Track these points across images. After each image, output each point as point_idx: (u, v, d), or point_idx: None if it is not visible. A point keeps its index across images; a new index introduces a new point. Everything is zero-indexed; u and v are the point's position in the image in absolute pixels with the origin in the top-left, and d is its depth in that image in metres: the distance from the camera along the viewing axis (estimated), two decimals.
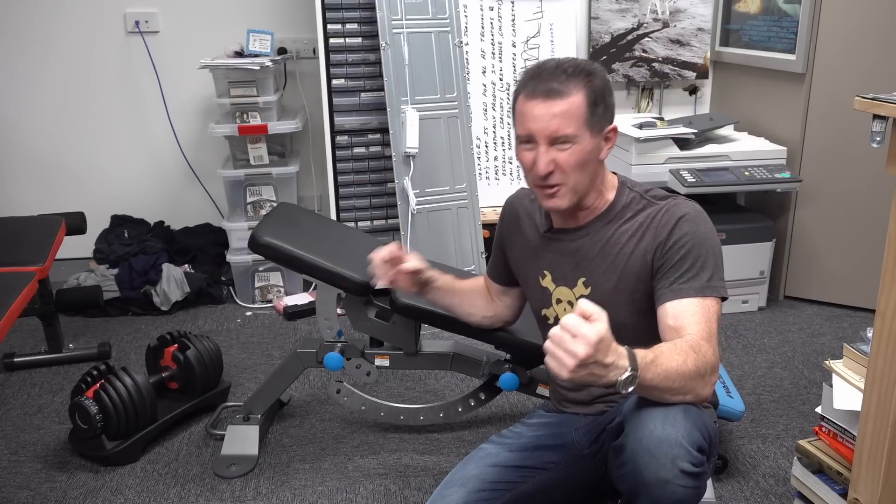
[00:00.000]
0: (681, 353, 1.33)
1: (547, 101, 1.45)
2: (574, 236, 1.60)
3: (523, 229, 1.71)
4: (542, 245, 1.66)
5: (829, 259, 3.14)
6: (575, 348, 1.16)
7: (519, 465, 1.64)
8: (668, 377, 1.30)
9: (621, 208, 1.57)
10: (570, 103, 1.46)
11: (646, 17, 3.47)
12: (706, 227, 1.51)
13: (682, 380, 1.31)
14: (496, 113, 3.41)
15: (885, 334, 1.45)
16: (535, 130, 1.47)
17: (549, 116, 1.45)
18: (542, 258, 1.66)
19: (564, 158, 1.47)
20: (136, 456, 2.16)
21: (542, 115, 1.46)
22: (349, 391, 2.18)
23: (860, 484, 1.55)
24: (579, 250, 1.59)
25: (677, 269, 1.47)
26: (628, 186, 1.60)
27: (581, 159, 1.48)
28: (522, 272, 1.74)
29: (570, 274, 1.61)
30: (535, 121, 1.47)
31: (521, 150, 1.53)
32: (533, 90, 1.47)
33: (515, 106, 1.53)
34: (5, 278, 2.18)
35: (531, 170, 1.51)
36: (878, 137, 1.38)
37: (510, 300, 1.87)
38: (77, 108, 3.49)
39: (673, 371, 1.30)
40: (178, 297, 3.18)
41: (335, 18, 3.02)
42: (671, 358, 1.31)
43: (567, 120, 1.45)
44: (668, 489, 1.30)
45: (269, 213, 2.36)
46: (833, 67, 2.97)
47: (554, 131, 1.46)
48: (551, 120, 1.45)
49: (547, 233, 1.65)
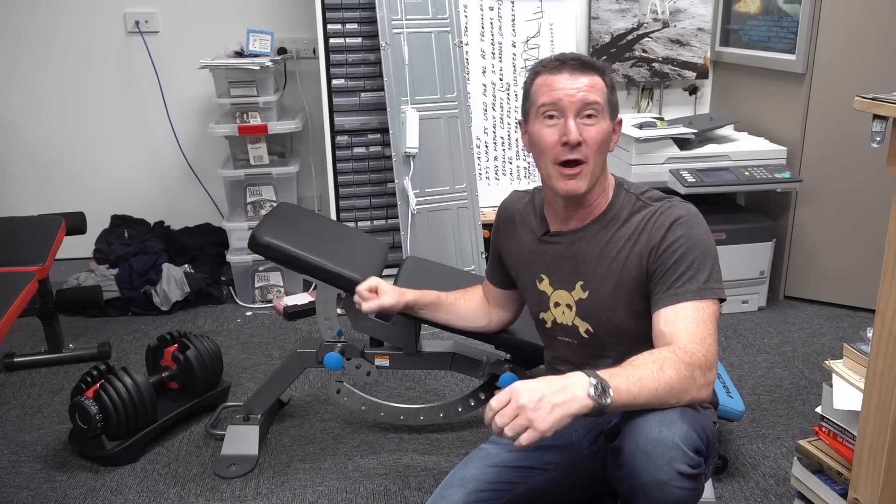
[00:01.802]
0: (656, 361, 1.33)
1: (575, 74, 1.48)
2: (572, 239, 1.59)
3: (519, 233, 1.71)
4: (540, 248, 1.65)
5: (829, 259, 3.14)
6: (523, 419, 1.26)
7: (519, 465, 1.64)
8: (646, 385, 1.30)
9: (618, 210, 1.57)
10: (596, 80, 1.50)
11: (646, 17, 3.47)
12: (701, 230, 1.50)
13: (664, 385, 1.31)
14: (496, 113, 3.41)
15: (885, 334, 1.45)
16: (565, 102, 1.47)
17: (577, 88, 1.47)
18: (540, 262, 1.65)
19: (591, 134, 1.48)
20: (136, 456, 2.16)
21: (571, 87, 1.47)
22: (349, 391, 2.18)
23: (860, 484, 1.55)
24: (577, 254, 1.59)
25: (672, 272, 1.47)
26: (625, 188, 1.60)
27: (604, 138, 1.50)
28: (519, 276, 1.73)
29: (569, 277, 1.60)
30: (565, 90, 1.47)
31: (541, 128, 1.50)
32: (559, 66, 1.49)
33: (533, 84, 1.53)
34: (5, 278, 2.18)
35: (555, 146, 1.49)
36: (878, 137, 1.38)
37: (509, 302, 1.88)
38: (77, 108, 3.49)
39: (649, 378, 1.30)
40: (178, 297, 3.18)
41: (335, 18, 3.02)
42: (645, 366, 1.32)
43: (596, 92, 1.49)
44: (665, 491, 1.30)
45: (269, 213, 2.36)
46: (833, 67, 2.97)
47: (583, 99, 1.47)
48: (579, 91, 1.47)
49: (544, 236, 1.65)
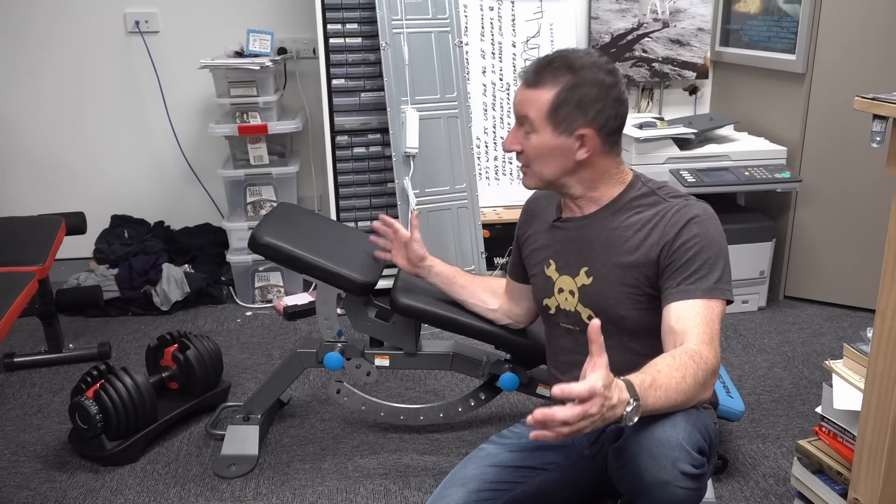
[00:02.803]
0: (679, 369, 1.33)
1: (522, 87, 1.57)
2: (580, 224, 1.62)
3: (536, 224, 1.75)
4: (551, 234, 1.69)
5: (829, 259, 3.14)
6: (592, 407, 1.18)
7: (519, 465, 1.64)
8: (670, 397, 1.30)
9: (630, 200, 1.58)
10: (536, 95, 1.54)
11: (646, 17, 3.47)
12: (716, 230, 1.52)
13: (683, 395, 1.32)
14: (496, 113, 3.41)
15: (885, 334, 1.45)
16: (514, 108, 1.60)
17: (519, 100, 1.57)
18: (550, 247, 1.69)
19: (526, 143, 1.58)
20: (136, 456, 2.16)
21: (517, 97, 1.58)
22: (349, 391, 2.18)
23: (860, 484, 1.55)
24: (584, 238, 1.61)
25: (685, 269, 1.48)
26: (642, 181, 1.61)
27: (540, 151, 1.56)
28: (530, 263, 1.76)
29: (574, 262, 1.62)
30: (516, 99, 1.59)
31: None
32: (522, 73, 1.60)
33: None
34: (5, 278, 2.18)
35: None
36: (878, 137, 1.38)
37: (522, 298, 1.88)
38: (77, 108, 3.48)
39: (673, 389, 1.30)
40: (178, 297, 3.18)
41: (335, 18, 3.02)
42: (670, 376, 1.31)
43: (528, 108, 1.55)
44: (669, 491, 1.30)
45: (269, 213, 2.36)
46: (833, 67, 2.97)
47: (518, 111, 1.58)
48: (519, 104, 1.57)
49: (555, 222, 1.68)
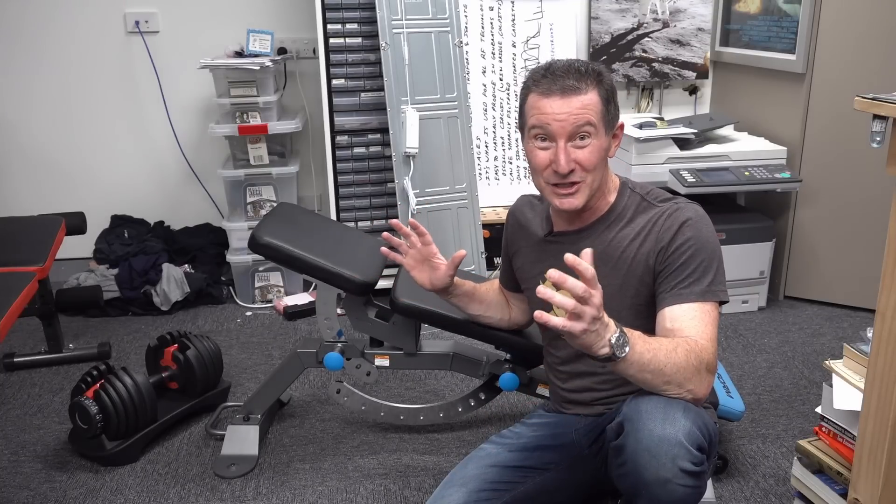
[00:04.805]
0: (672, 342, 1.36)
1: (565, 98, 1.45)
2: (575, 239, 1.59)
3: (525, 237, 1.72)
4: (544, 249, 1.66)
5: (829, 259, 3.14)
6: (592, 301, 1.22)
7: (519, 465, 1.64)
8: (658, 359, 1.31)
9: (622, 210, 1.57)
10: (588, 99, 1.46)
11: (646, 17, 3.47)
12: (708, 232, 1.51)
13: (672, 365, 1.33)
14: (496, 113, 3.41)
15: (885, 334, 1.45)
16: (555, 128, 1.45)
17: (568, 112, 1.44)
18: (544, 262, 1.65)
19: (585, 156, 1.47)
20: (136, 456, 2.16)
21: (561, 112, 1.45)
22: (349, 391, 2.18)
23: (860, 484, 1.55)
24: (579, 253, 1.59)
25: (679, 273, 1.47)
26: (629, 187, 1.60)
27: (600, 156, 1.49)
28: (524, 277, 1.74)
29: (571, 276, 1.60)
30: (555, 117, 1.45)
31: (533, 148, 1.50)
32: (549, 87, 1.46)
33: (526, 102, 1.51)
34: (5, 278, 2.18)
35: (546, 168, 1.49)
36: (878, 137, 1.38)
37: (523, 305, 1.88)
38: (77, 108, 3.48)
39: (663, 353, 1.32)
40: (178, 297, 3.18)
41: (335, 18, 3.02)
42: (661, 342, 1.35)
43: (589, 111, 1.45)
44: (669, 488, 1.30)
45: (269, 213, 2.36)
46: (833, 67, 2.97)
47: (574, 126, 1.45)
48: (570, 116, 1.44)
49: (548, 236, 1.65)
